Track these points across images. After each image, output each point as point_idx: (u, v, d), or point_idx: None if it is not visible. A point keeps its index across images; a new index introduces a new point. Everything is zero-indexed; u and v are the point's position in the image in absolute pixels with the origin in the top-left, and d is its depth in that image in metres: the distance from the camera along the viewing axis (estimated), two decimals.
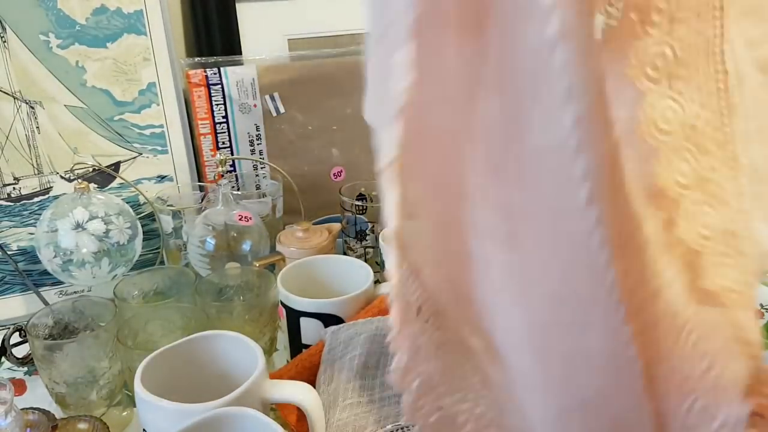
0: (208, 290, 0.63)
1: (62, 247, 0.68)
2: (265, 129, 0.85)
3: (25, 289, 0.76)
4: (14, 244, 0.76)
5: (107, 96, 0.78)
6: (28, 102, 0.75)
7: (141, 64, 0.79)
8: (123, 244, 0.70)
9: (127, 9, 0.77)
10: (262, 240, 0.73)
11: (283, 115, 0.86)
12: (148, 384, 0.45)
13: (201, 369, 0.50)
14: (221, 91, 0.82)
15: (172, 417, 0.42)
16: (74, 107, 0.77)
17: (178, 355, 0.49)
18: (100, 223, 0.69)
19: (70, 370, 0.56)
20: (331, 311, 0.59)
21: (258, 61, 0.84)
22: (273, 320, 0.63)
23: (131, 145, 0.80)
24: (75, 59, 0.76)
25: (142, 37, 0.78)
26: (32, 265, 0.76)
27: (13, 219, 0.76)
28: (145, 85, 0.79)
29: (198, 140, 0.83)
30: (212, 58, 0.83)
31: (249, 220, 0.71)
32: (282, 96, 0.85)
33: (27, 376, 0.66)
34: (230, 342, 0.50)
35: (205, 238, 0.71)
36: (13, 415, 0.43)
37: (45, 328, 0.59)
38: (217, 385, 0.49)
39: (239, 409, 0.42)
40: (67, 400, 0.57)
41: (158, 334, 0.59)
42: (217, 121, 0.83)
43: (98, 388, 0.57)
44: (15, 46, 0.73)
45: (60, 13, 0.74)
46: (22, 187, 0.76)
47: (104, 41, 0.76)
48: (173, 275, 0.67)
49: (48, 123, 0.76)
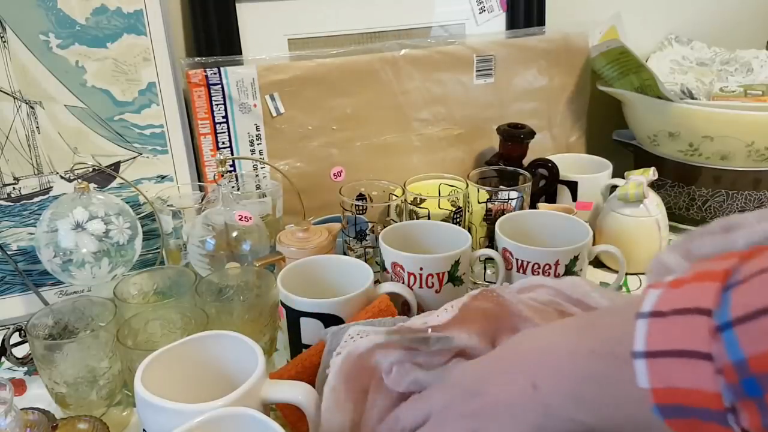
0: (208, 290, 0.63)
1: (62, 247, 0.68)
2: (265, 129, 0.85)
3: (25, 289, 0.77)
4: (14, 244, 0.76)
5: (107, 96, 0.78)
6: (28, 102, 0.75)
7: (141, 64, 0.79)
8: (123, 244, 0.70)
9: (127, 9, 0.77)
10: (262, 240, 0.73)
11: (283, 115, 0.86)
12: (148, 384, 0.45)
13: (201, 369, 0.50)
14: (221, 91, 0.82)
15: (172, 417, 0.42)
16: (74, 107, 0.77)
17: (178, 355, 0.49)
18: (100, 223, 0.69)
19: (70, 370, 0.56)
20: (331, 311, 0.59)
21: (258, 61, 0.84)
22: (273, 320, 0.63)
23: (131, 145, 0.80)
24: (75, 59, 0.76)
25: (142, 37, 0.78)
26: (32, 265, 0.76)
27: (13, 219, 0.76)
28: (145, 85, 0.79)
29: (198, 140, 0.83)
30: (212, 58, 0.83)
31: (249, 220, 0.71)
32: (282, 96, 0.85)
33: (27, 376, 0.66)
34: (230, 342, 0.50)
35: (205, 238, 0.71)
36: (13, 415, 0.43)
37: (45, 328, 0.59)
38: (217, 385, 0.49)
39: (239, 409, 0.42)
40: (67, 400, 0.57)
41: (158, 334, 0.59)
42: (217, 121, 0.83)
43: (98, 388, 0.57)
44: (15, 45, 0.73)
45: (60, 13, 0.74)
46: (22, 187, 0.76)
47: (104, 41, 0.76)
48: (173, 275, 0.67)
49: (48, 123, 0.76)
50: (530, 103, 1.00)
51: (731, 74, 1.05)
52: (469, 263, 0.69)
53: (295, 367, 0.55)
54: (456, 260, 0.66)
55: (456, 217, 0.78)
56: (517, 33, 0.98)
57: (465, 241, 0.68)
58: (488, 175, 0.86)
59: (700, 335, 0.29)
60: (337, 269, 0.66)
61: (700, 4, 1.17)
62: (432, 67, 0.92)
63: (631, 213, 0.82)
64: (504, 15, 1.00)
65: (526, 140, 0.89)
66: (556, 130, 1.02)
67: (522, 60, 0.97)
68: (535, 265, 0.68)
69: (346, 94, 0.88)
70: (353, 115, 0.89)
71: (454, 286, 0.67)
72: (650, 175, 0.83)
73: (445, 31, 0.98)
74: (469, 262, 0.69)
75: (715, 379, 0.28)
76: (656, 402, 0.30)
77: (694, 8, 1.16)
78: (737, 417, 0.28)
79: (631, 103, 0.97)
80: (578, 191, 0.90)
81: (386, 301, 0.60)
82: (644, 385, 0.31)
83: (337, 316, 0.59)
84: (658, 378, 0.30)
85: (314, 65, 0.86)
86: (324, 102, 0.87)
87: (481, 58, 0.94)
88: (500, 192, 0.80)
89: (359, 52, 0.89)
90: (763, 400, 0.27)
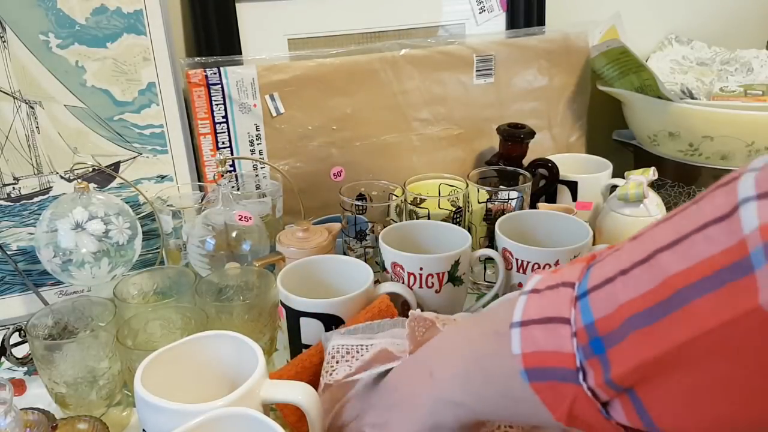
0: (208, 290, 0.63)
1: (62, 247, 0.68)
2: (265, 129, 0.85)
3: (25, 289, 0.76)
4: (14, 244, 0.76)
5: (107, 96, 0.78)
6: (27, 102, 0.75)
7: (141, 64, 0.79)
8: (123, 244, 0.70)
9: (127, 9, 0.77)
10: (262, 240, 0.73)
11: (283, 115, 0.86)
12: (148, 384, 0.45)
13: (201, 369, 0.50)
14: (221, 91, 0.82)
15: (172, 417, 0.42)
16: (74, 107, 0.77)
17: (178, 355, 0.49)
18: (100, 223, 0.69)
19: (70, 370, 0.56)
20: (331, 311, 0.59)
21: (258, 61, 0.84)
22: (273, 320, 0.63)
23: (131, 145, 0.80)
24: (75, 59, 0.76)
25: (142, 37, 0.78)
26: (32, 265, 0.76)
27: (12, 219, 0.76)
28: (145, 85, 0.79)
29: (198, 140, 0.83)
30: (212, 58, 0.83)
31: (249, 220, 0.71)
32: (282, 96, 0.85)
33: (27, 376, 0.66)
34: (230, 342, 0.50)
35: (205, 238, 0.71)
36: (13, 415, 0.43)
37: (45, 328, 0.59)
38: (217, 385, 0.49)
39: (239, 409, 0.42)
40: (66, 400, 0.57)
41: (158, 334, 0.59)
42: (217, 121, 0.83)
43: (98, 388, 0.57)
44: (15, 45, 0.73)
45: (60, 13, 0.74)
46: (22, 187, 0.76)
47: (104, 41, 0.76)
48: (173, 275, 0.67)
49: (48, 123, 0.76)
50: (530, 103, 1.00)
51: (731, 74, 1.05)
52: (469, 263, 0.69)
53: (294, 367, 0.55)
54: (456, 260, 0.66)
55: (456, 217, 0.77)
56: (517, 33, 0.98)
57: (465, 241, 0.68)
58: (488, 175, 0.86)
59: (563, 303, 0.33)
60: (337, 269, 0.66)
61: (700, 4, 1.17)
62: (432, 67, 0.92)
63: (631, 213, 0.82)
64: (504, 15, 1.00)
65: (526, 140, 0.89)
66: (556, 130, 1.02)
67: (522, 60, 0.97)
68: (535, 265, 0.68)
69: (346, 94, 0.88)
70: (353, 114, 0.89)
71: (454, 286, 0.67)
72: (650, 175, 0.83)
73: (445, 31, 0.98)
74: (469, 262, 0.69)
75: (572, 342, 0.32)
76: (524, 366, 0.34)
77: (694, 8, 1.16)
78: (585, 376, 0.32)
79: (631, 103, 0.97)
80: (578, 191, 0.90)
81: (386, 301, 0.60)
82: (516, 350, 0.34)
83: (337, 316, 0.59)
84: (527, 343, 0.34)
85: (314, 65, 0.86)
86: (324, 102, 0.87)
87: (481, 58, 0.94)
88: (500, 192, 0.80)
89: (359, 52, 0.89)
90: (605, 356, 0.31)
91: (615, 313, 0.30)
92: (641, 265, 0.30)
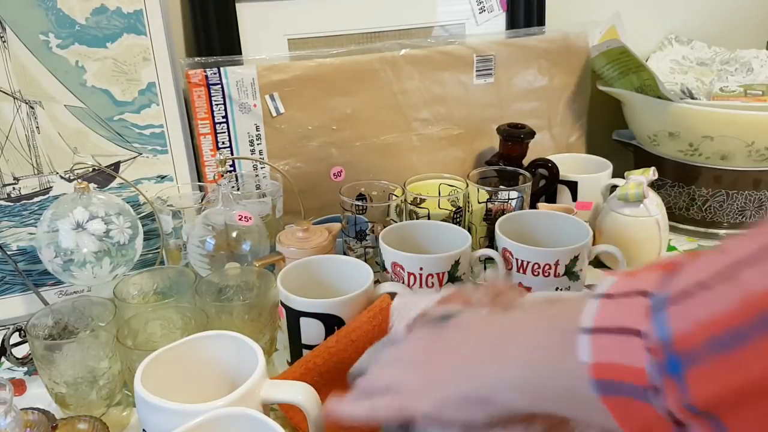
0: (208, 290, 0.63)
1: (63, 247, 0.68)
2: (265, 129, 0.85)
3: (25, 289, 0.76)
4: (14, 244, 0.76)
5: (107, 96, 0.78)
6: (27, 102, 0.75)
7: (141, 64, 0.79)
8: (123, 243, 0.70)
9: (126, 9, 0.77)
10: (262, 240, 0.73)
11: (283, 115, 0.86)
12: (148, 384, 0.45)
13: (201, 369, 0.50)
14: (221, 91, 0.82)
15: (172, 417, 0.42)
16: (74, 107, 0.77)
17: (178, 355, 0.49)
18: (101, 223, 0.69)
19: (70, 370, 0.56)
20: (331, 311, 0.59)
21: (258, 61, 0.84)
22: (273, 320, 0.63)
23: (131, 145, 0.80)
24: (75, 59, 0.76)
25: (142, 37, 0.78)
26: (32, 265, 0.76)
27: (13, 219, 0.76)
28: (145, 85, 0.79)
29: (198, 140, 0.83)
30: (212, 58, 0.83)
31: (249, 220, 0.71)
32: (282, 96, 0.85)
33: (27, 376, 0.66)
34: (230, 342, 0.50)
35: (205, 238, 0.71)
36: (13, 415, 0.43)
37: (45, 328, 0.59)
38: (217, 385, 0.49)
39: (239, 409, 0.42)
40: (67, 400, 0.57)
41: (158, 334, 0.59)
42: (217, 121, 0.83)
43: (98, 388, 0.57)
44: (15, 45, 0.73)
45: (60, 13, 0.74)
46: (22, 187, 0.76)
47: (104, 41, 0.76)
48: (173, 275, 0.67)
49: (48, 123, 0.76)
50: (530, 103, 1.00)
51: (731, 74, 1.05)
52: (469, 263, 0.69)
53: (299, 369, 0.55)
54: (456, 260, 0.66)
55: (456, 217, 0.78)
56: (517, 33, 0.98)
57: (465, 241, 0.68)
58: (488, 175, 0.86)
59: (637, 314, 0.31)
60: (337, 269, 0.66)
61: (700, 4, 1.17)
62: (432, 67, 0.92)
63: (631, 213, 0.82)
64: (504, 15, 1.00)
65: (526, 140, 0.89)
66: (556, 130, 1.02)
67: (522, 60, 0.97)
68: (535, 265, 0.68)
69: (346, 93, 0.88)
70: (353, 114, 0.89)
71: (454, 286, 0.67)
72: (650, 175, 0.83)
73: (445, 31, 0.98)
74: (469, 262, 0.69)
75: (645, 356, 0.29)
76: (595, 377, 0.31)
77: (694, 8, 1.16)
78: (660, 395, 0.29)
79: (631, 103, 0.97)
80: (578, 191, 0.90)
81: (386, 301, 0.60)
82: (584, 358, 0.32)
83: (337, 316, 0.59)
84: (598, 352, 0.32)
85: (314, 65, 0.86)
86: (324, 102, 0.87)
87: (481, 58, 0.94)
88: (500, 192, 0.80)
89: (359, 52, 0.89)
90: (682, 377, 0.28)
91: (694, 330, 0.28)
92: (723, 281, 0.28)
